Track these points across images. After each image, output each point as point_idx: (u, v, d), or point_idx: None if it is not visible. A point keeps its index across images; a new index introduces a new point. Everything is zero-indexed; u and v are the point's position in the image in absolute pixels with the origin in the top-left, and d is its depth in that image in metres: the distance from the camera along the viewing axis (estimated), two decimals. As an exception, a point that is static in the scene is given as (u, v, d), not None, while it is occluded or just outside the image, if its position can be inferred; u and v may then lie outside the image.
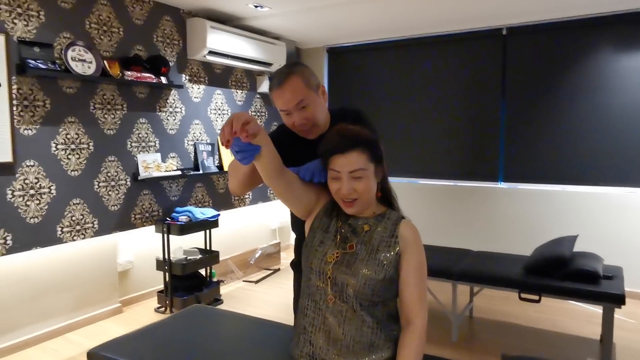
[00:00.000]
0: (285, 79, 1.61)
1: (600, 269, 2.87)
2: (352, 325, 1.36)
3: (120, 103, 3.52)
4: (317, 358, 1.40)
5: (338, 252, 1.42)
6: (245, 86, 4.77)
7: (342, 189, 1.38)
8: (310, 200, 1.51)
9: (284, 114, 1.67)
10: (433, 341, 3.15)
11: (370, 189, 1.40)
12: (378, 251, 1.40)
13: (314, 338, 1.41)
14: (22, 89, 2.92)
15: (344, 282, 1.37)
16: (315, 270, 1.43)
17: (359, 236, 1.43)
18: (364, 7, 3.88)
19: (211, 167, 4.25)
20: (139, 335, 2.08)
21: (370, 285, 1.36)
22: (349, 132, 1.40)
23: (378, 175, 1.43)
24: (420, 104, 4.92)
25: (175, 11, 3.94)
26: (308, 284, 1.46)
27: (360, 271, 1.36)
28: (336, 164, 1.38)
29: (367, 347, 1.36)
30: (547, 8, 3.89)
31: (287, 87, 1.61)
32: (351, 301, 1.36)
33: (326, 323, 1.39)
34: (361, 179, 1.37)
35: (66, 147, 3.19)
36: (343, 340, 1.36)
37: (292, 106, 1.62)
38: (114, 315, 3.57)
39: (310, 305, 1.44)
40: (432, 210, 4.85)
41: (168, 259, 3.62)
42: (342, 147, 1.37)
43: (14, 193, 2.91)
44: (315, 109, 1.66)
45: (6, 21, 2.83)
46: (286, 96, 1.61)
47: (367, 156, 1.38)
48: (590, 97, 4.10)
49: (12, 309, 2.98)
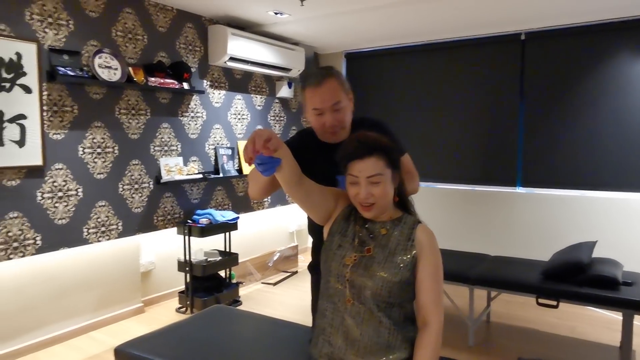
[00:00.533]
0: (324, 79, 1.65)
1: (619, 275, 2.85)
2: (370, 326, 1.40)
3: (144, 108, 3.63)
4: (335, 358, 1.44)
5: (356, 255, 1.46)
6: (265, 91, 4.85)
7: (360, 193, 1.43)
8: (329, 206, 1.56)
9: (316, 113, 1.68)
10: (449, 345, 3.16)
11: (387, 194, 1.45)
12: (395, 254, 1.44)
13: (333, 339, 1.45)
14: (52, 95, 3.04)
15: (361, 285, 1.41)
16: (333, 272, 1.47)
17: (376, 240, 1.47)
18: (381, 13, 3.93)
19: (231, 171, 4.33)
20: (162, 333, 2.16)
21: (387, 288, 1.39)
22: (367, 138, 1.44)
23: (395, 181, 1.47)
24: (438, 109, 4.94)
25: (197, 19, 4.04)
26: (327, 286, 1.51)
27: (377, 274, 1.40)
28: (354, 169, 1.43)
29: (384, 347, 1.40)
30: (566, 13, 3.88)
31: (326, 87, 1.65)
32: (368, 303, 1.40)
33: (344, 324, 1.43)
34: (379, 184, 1.41)
35: (92, 151, 3.30)
36: (361, 340, 1.40)
37: (329, 106, 1.66)
38: (136, 315, 3.66)
39: (329, 307, 1.48)
40: (450, 215, 4.86)
41: (189, 261, 3.70)
42: (360, 153, 1.41)
43: (43, 195, 3.03)
44: (346, 112, 1.71)
45: (38, 30, 2.95)
46: (325, 96, 1.65)
47: (385, 162, 1.42)
48: (609, 101, 4.07)
49: (40, 306, 3.09)
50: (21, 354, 2.98)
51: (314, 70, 1.72)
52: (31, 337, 3.05)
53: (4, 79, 2.77)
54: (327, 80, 1.65)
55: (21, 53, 2.84)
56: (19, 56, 2.83)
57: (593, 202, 4.17)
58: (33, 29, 2.93)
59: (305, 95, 1.70)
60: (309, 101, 1.69)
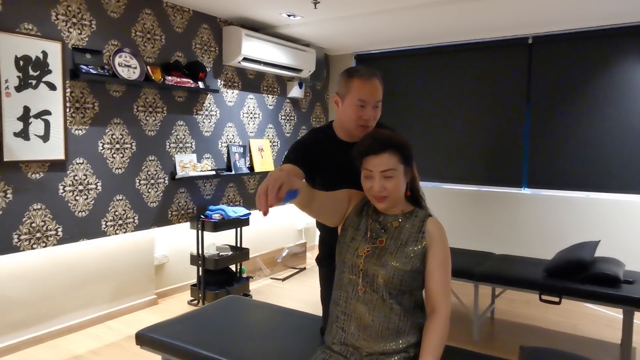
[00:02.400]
0: (373, 76, 1.74)
1: (621, 273, 2.93)
2: (381, 312, 1.49)
3: (161, 106, 3.75)
4: (348, 343, 1.54)
5: (369, 247, 1.55)
6: (276, 91, 4.96)
7: (374, 187, 1.53)
8: (342, 209, 1.65)
9: (360, 104, 1.72)
10: (454, 340, 3.25)
11: (400, 188, 1.55)
12: (406, 245, 1.53)
13: (347, 325, 1.55)
14: (75, 92, 3.17)
15: (374, 273, 1.51)
16: (347, 264, 1.57)
17: (388, 232, 1.57)
18: (391, 16, 4.03)
19: (242, 168, 4.44)
20: (180, 320, 2.27)
21: (399, 276, 1.49)
22: (381, 135, 1.55)
23: (407, 176, 1.57)
24: (446, 111, 5.03)
25: (213, 20, 4.16)
26: (341, 277, 1.60)
27: (390, 263, 1.50)
28: (369, 164, 1.53)
29: (394, 332, 1.49)
30: (572, 18, 3.96)
31: (375, 82, 1.74)
32: (381, 291, 1.50)
33: (357, 311, 1.53)
34: (392, 178, 1.51)
35: (112, 147, 3.42)
36: (372, 326, 1.50)
37: (375, 101, 1.74)
38: (150, 306, 3.78)
39: (342, 296, 1.58)
40: (457, 214, 4.94)
41: (202, 254, 3.82)
42: (375, 148, 1.52)
43: (65, 188, 3.16)
44: (380, 113, 1.80)
45: (62, 30, 3.08)
46: (373, 90, 1.73)
47: (398, 158, 1.52)
48: (615, 105, 4.14)
49: (60, 295, 3.22)
50: (42, 341, 3.10)
51: (361, 67, 1.77)
52: (52, 325, 3.18)
53: (30, 77, 2.89)
54: (375, 78, 1.74)
55: (47, 52, 2.96)
56: (44, 55, 2.95)
57: (597, 203, 4.25)
58: (58, 28, 3.05)
59: (351, 84, 1.73)
60: (355, 90, 1.72)
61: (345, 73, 1.77)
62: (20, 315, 3.02)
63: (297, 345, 1.99)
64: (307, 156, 1.80)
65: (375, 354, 1.49)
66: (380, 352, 1.49)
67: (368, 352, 1.50)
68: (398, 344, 1.49)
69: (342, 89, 1.77)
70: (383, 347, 1.49)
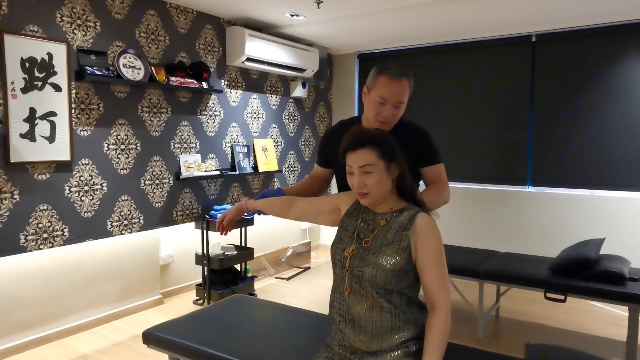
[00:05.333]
0: (402, 76, 1.78)
1: (626, 270, 2.93)
2: (373, 312, 1.50)
3: (165, 107, 3.77)
4: (345, 345, 1.55)
5: (354, 246, 1.56)
6: (280, 91, 4.97)
7: (354, 182, 1.55)
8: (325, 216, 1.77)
9: (380, 101, 1.79)
10: (459, 338, 3.25)
11: (381, 184, 1.53)
12: (390, 244, 1.52)
13: (342, 326, 1.56)
14: (80, 94, 3.19)
15: (358, 274, 1.52)
16: (337, 265, 1.59)
17: (374, 232, 1.57)
18: (395, 16, 4.03)
19: (247, 168, 4.46)
20: (187, 319, 2.28)
21: (382, 276, 1.48)
22: (361, 131, 1.57)
23: (392, 173, 1.55)
24: (450, 109, 5.03)
25: (216, 20, 4.17)
26: (334, 278, 1.63)
27: (371, 263, 1.50)
28: (349, 160, 1.56)
29: (389, 330, 1.49)
30: (576, 15, 3.96)
31: (401, 84, 1.78)
32: (368, 290, 1.50)
33: (350, 312, 1.54)
34: (371, 174, 1.51)
35: (117, 147, 3.44)
36: (366, 326, 1.50)
37: (396, 101, 1.78)
38: (156, 306, 3.80)
39: (336, 297, 1.60)
40: (461, 213, 4.94)
41: (207, 254, 3.84)
42: (353, 145, 1.54)
43: (70, 189, 3.18)
44: (401, 113, 1.85)
45: (67, 32, 3.10)
46: (396, 90, 1.78)
47: (377, 153, 1.51)
48: (619, 102, 4.14)
49: (67, 295, 3.24)
50: (50, 340, 3.13)
51: (392, 65, 1.82)
52: (59, 324, 3.20)
53: (36, 78, 2.91)
54: (404, 78, 1.79)
55: (52, 53, 2.98)
56: (50, 56, 2.97)
57: (602, 201, 4.24)
58: (63, 30, 3.07)
59: (378, 80, 1.79)
60: (379, 87, 1.78)
61: (376, 68, 1.83)
62: (28, 315, 3.04)
63: (303, 343, 2.00)
64: (322, 152, 2.11)
65: (374, 353, 1.50)
66: (377, 350, 1.49)
67: (366, 351, 1.51)
68: (394, 340, 1.49)
69: (370, 82, 1.84)
70: (379, 345, 1.49)
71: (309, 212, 1.82)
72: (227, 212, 2.01)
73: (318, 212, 1.79)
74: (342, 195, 1.76)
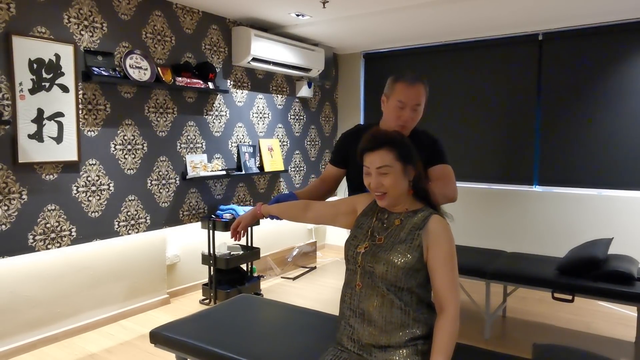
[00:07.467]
0: (417, 82, 1.88)
1: (634, 270, 2.91)
2: (384, 307, 1.52)
3: (172, 107, 3.78)
4: (355, 339, 1.57)
5: (367, 244, 1.59)
6: (285, 91, 4.97)
7: (371, 183, 1.57)
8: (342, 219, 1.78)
9: (399, 105, 1.89)
10: (466, 338, 3.24)
11: (398, 185, 1.55)
12: (402, 243, 1.54)
13: (353, 321, 1.58)
14: (87, 94, 3.21)
15: (370, 270, 1.54)
16: (350, 261, 1.62)
17: (388, 230, 1.59)
18: (400, 14, 4.02)
19: (252, 168, 4.46)
20: (193, 319, 2.29)
21: (393, 272, 1.50)
22: (379, 133, 1.59)
23: (409, 174, 1.57)
24: (456, 109, 5.01)
25: (222, 20, 4.18)
26: (347, 274, 1.65)
27: (383, 258, 1.52)
28: (367, 160, 1.58)
29: (398, 326, 1.51)
30: (583, 14, 3.93)
31: (417, 88, 1.88)
32: (380, 286, 1.52)
33: (360, 307, 1.56)
34: (387, 174, 1.53)
35: (123, 148, 3.46)
36: (376, 321, 1.52)
37: (413, 104, 1.88)
38: (163, 306, 3.82)
39: (348, 292, 1.62)
40: (468, 212, 4.92)
41: (213, 254, 3.85)
42: (371, 146, 1.56)
43: (78, 189, 3.20)
44: (419, 117, 1.94)
45: (75, 33, 3.11)
46: (413, 94, 1.88)
47: (394, 155, 1.54)
48: (626, 101, 4.10)
49: (74, 295, 3.26)
50: (58, 339, 3.15)
51: (408, 72, 1.95)
52: (67, 323, 3.22)
53: (44, 79, 2.93)
54: (419, 83, 1.89)
55: (59, 54, 3.00)
56: (57, 57, 2.99)
57: (609, 200, 4.21)
58: (70, 31, 3.09)
59: (395, 87, 1.90)
60: (397, 93, 1.89)
61: (393, 77, 1.95)
62: (36, 314, 3.06)
63: (309, 343, 2.00)
64: (338, 151, 2.16)
65: (383, 347, 1.51)
66: (386, 345, 1.51)
67: (374, 346, 1.52)
68: (403, 336, 1.50)
69: (388, 90, 1.96)
70: (388, 341, 1.51)
71: (326, 215, 1.83)
72: (242, 218, 2.02)
73: (336, 214, 1.80)
74: (359, 197, 1.78)
